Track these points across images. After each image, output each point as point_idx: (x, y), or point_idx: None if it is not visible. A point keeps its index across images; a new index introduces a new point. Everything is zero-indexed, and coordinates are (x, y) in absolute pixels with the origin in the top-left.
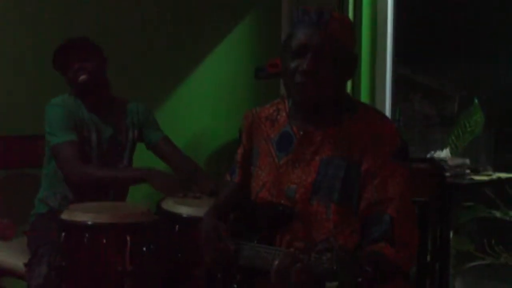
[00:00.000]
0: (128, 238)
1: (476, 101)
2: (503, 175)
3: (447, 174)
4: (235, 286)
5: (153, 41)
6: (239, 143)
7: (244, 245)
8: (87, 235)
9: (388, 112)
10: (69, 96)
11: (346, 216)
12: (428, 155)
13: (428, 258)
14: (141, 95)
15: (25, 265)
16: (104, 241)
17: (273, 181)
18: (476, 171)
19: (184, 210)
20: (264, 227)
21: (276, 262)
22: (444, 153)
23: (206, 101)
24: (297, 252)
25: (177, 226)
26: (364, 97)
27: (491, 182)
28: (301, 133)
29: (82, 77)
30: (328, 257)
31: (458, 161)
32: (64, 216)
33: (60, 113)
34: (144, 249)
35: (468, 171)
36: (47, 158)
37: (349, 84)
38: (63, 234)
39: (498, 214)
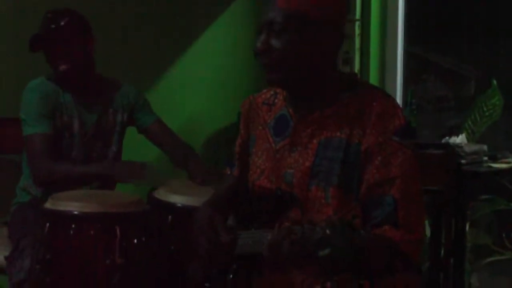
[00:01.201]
0: (117, 229)
1: (494, 82)
2: None
3: (463, 161)
4: (231, 276)
5: (145, 19)
6: (238, 133)
7: (240, 234)
8: (73, 225)
9: (399, 94)
10: (49, 79)
11: (347, 201)
12: (443, 141)
13: (442, 252)
14: (133, 76)
15: (6, 258)
16: (92, 232)
17: (271, 167)
18: (494, 158)
19: (178, 199)
20: (262, 214)
21: (269, 237)
22: (460, 139)
23: (201, 82)
24: (290, 226)
25: (170, 216)
26: (373, 78)
27: (510, 170)
28: (297, 115)
29: (63, 67)
30: (321, 225)
31: (475, 147)
32: (48, 205)
33: (35, 99)
34: (135, 241)
35: (485, 158)
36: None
37: (357, 63)
38: (47, 224)
39: None
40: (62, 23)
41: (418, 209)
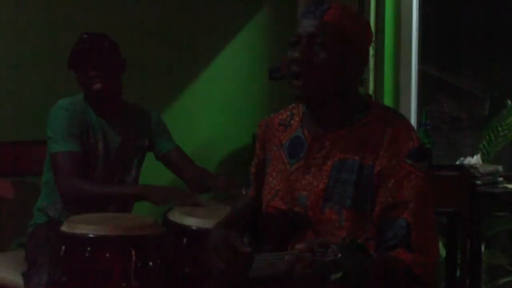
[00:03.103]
0: (133, 251)
1: (509, 103)
2: None
3: (478, 182)
4: None
5: (160, 40)
6: (254, 154)
7: (254, 256)
8: (89, 248)
9: (413, 114)
10: (79, 99)
11: (360, 223)
12: (458, 162)
13: (458, 273)
14: (149, 96)
15: (23, 275)
16: (107, 255)
17: (285, 189)
18: (509, 179)
19: (193, 221)
20: (275, 236)
21: (281, 266)
22: (474, 160)
23: (217, 102)
24: (300, 252)
25: (185, 239)
26: (388, 99)
27: None
28: (312, 137)
29: (97, 85)
30: (333, 248)
31: (490, 168)
32: (64, 228)
33: (65, 118)
34: (151, 263)
35: (501, 179)
36: (47, 165)
37: (371, 84)
38: (63, 247)
39: None
40: (105, 44)
41: (431, 231)
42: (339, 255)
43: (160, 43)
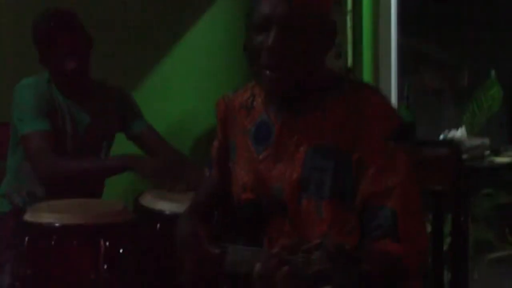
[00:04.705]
0: (102, 241)
1: (493, 73)
2: None
3: (464, 156)
4: None
5: (129, 16)
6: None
7: (228, 248)
8: (54, 238)
9: (394, 88)
10: (43, 78)
11: (341, 214)
12: (442, 136)
13: (444, 248)
14: (118, 74)
15: None
16: (75, 245)
17: (255, 179)
18: (496, 152)
19: (167, 206)
20: (249, 228)
21: (258, 266)
22: (459, 132)
23: (190, 79)
24: (283, 252)
25: (159, 224)
26: (367, 72)
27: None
28: (280, 121)
29: (71, 64)
30: (318, 256)
31: (477, 141)
32: (28, 217)
33: (32, 97)
34: (121, 252)
35: (487, 152)
36: (11, 148)
37: (349, 58)
38: (26, 238)
39: None
40: (74, 21)
41: (418, 218)
42: (327, 268)
43: (130, 18)
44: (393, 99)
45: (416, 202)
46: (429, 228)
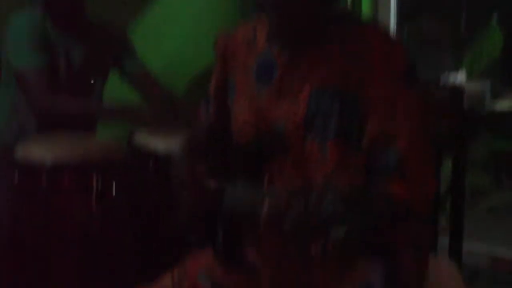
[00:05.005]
0: (94, 178)
1: (494, 19)
2: None
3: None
4: (220, 241)
5: None
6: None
7: (227, 188)
8: (45, 175)
9: (392, 32)
10: (36, 13)
11: (347, 155)
12: (441, 78)
13: (441, 195)
14: (114, 12)
15: None
16: (66, 182)
17: (257, 118)
18: (497, 97)
19: (161, 144)
20: (247, 168)
21: (267, 204)
22: (459, 76)
23: (187, 18)
24: (293, 191)
25: (152, 163)
26: (365, 15)
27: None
28: (284, 57)
29: None
30: (331, 196)
31: (477, 85)
32: (17, 153)
33: (27, 31)
34: (113, 190)
35: (487, 96)
36: (3, 82)
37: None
38: (16, 175)
39: None
40: None
41: (427, 161)
42: (341, 209)
43: None
44: None
45: (425, 144)
46: None
